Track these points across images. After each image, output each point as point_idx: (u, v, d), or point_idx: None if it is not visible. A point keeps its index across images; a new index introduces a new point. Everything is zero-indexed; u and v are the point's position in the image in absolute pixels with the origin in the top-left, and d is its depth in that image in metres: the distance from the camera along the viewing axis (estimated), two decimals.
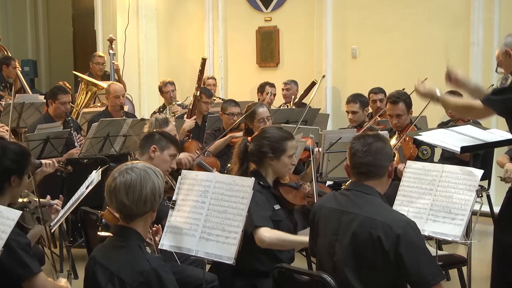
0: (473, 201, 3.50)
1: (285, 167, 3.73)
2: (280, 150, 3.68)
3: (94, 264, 2.79)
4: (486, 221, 6.56)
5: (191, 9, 9.94)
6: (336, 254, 2.99)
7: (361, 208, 2.97)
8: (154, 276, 2.67)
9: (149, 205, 2.78)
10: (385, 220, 2.88)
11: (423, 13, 7.75)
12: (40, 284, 3.11)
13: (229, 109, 6.31)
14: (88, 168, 4.46)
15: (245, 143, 3.78)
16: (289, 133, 3.83)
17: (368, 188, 3.03)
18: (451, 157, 5.78)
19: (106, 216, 3.62)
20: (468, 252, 3.83)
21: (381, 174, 3.04)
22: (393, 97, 5.45)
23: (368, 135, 3.09)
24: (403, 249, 2.82)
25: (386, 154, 3.04)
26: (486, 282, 5.39)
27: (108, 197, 2.79)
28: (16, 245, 3.04)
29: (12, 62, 8.72)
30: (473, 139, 4.14)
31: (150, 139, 4.22)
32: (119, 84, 7.24)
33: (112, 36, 9.12)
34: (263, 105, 5.89)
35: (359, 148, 3.02)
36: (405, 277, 2.86)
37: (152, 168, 2.82)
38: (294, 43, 8.93)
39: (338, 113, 8.32)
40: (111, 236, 2.87)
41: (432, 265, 2.87)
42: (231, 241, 3.20)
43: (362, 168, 3.03)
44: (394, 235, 2.83)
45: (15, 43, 13.04)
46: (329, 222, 3.06)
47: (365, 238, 2.89)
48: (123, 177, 2.75)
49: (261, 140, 3.72)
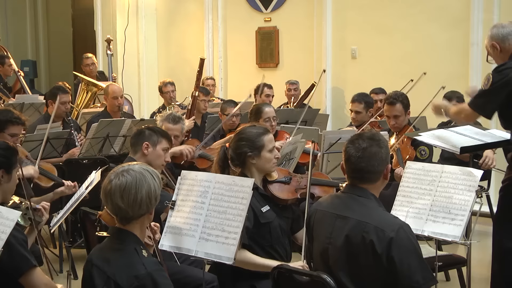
0: (472, 201, 3.50)
1: (268, 163, 3.70)
2: (258, 146, 3.66)
3: (91, 266, 2.78)
4: (485, 222, 6.55)
5: (191, 10, 9.94)
6: (330, 258, 2.98)
7: (355, 212, 2.96)
8: (150, 281, 2.66)
9: (145, 208, 2.75)
10: (378, 224, 2.87)
11: (423, 14, 7.75)
12: (37, 278, 3.13)
13: (228, 110, 6.31)
14: (87, 169, 4.46)
15: (224, 151, 3.77)
16: (264, 128, 3.80)
17: (363, 191, 3.01)
18: (451, 157, 5.77)
19: (103, 217, 3.61)
20: (467, 252, 3.83)
21: (375, 179, 3.02)
22: (390, 98, 5.44)
23: (363, 137, 3.02)
24: (395, 252, 2.81)
25: (380, 159, 2.99)
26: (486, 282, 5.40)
27: (104, 199, 2.78)
28: (14, 240, 3.06)
29: (7, 60, 8.73)
30: (473, 140, 4.14)
31: (141, 137, 4.23)
32: (117, 84, 7.24)
33: (109, 37, 9.12)
34: (269, 105, 5.88)
35: (353, 153, 2.99)
36: (396, 280, 2.83)
37: (149, 170, 2.79)
38: (293, 43, 8.93)
39: (338, 113, 8.32)
40: (108, 238, 2.86)
41: (424, 269, 2.84)
42: (230, 242, 3.20)
43: (355, 173, 3.01)
44: (386, 238, 2.82)
45: (15, 43, 13.04)
46: (323, 225, 3.06)
47: (358, 242, 2.88)
48: (119, 179, 2.72)
49: (238, 142, 3.71)
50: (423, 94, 7.22)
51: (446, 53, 7.59)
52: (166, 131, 4.42)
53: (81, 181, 3.87)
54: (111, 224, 2.89)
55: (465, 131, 4.24)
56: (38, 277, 3.14)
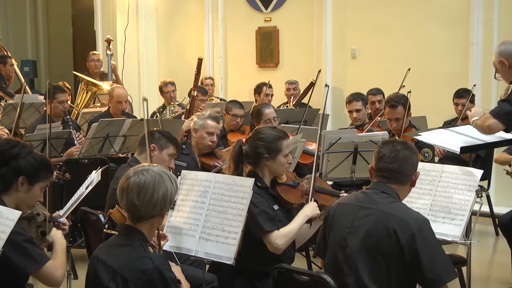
0: (472, 201, 3.51)
1: (282, 167, 3.72)
2: (275, 150, 3.67)
3: (96, 261, 2.79)
4: (485, 221, 6.57)
5: (191, 10, 9.94)
6: (348, 246, 3.02)
7: (379, 204, 3.02)
8: (157, 275, 2.68)
9: (158, 209, 2.77)
10: (403, 216, 2.94)
11: (423, 13, 7.75)
12: (49, 273, 3.12)
13: (233, 110, 6.30)
14: (87, 169, 4.46)
15: (240, 145, 3.76)
16: (284, 132, 3.82)
17: (389, 189, 3.08)
18: (452, 156, 5.77)
19: (114, 214, 3.61)
20: (467, 252, 3.84)
21: (404, 181, 3.10)
22: (392, 101, 5.43)
23: (397, 141, 3.15)
24: (419, 245, 2.86)
25: (412, 163, 3.09)
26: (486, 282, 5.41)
27: (120, 195, 2.79)
28: (21, 239, 3.05)
29: (9, 60, 8.74)
30: (473, 139, 4.14)
31: (149, 138, 4.22)
32: (123, 88, 7.16)
33: (109, 37, 9.13)
34: (270, 106, 5.88)
35: (386, 153, 3.07)
36: (419, 273, 2.88)
37: (168, 174, 2.82)
38: (293, 43, 8.93)
39: (338, 113, 8.32)
40: (115, 235, 2.87)
41: (447, 263, 2.93)
42: (230, 241, 3.20)
43: (386, 172, 3.08)
44: (410, 231, 2.88)
45: (15, 43, 13.04)
46: (345, 216, 3.09)
47: (380, 232, 2.93)
48: (138, 177, 2.75)
49: (256, 141, 3.70)
50: (423, 94, 7.26)
51: (446, 53, 7.59)
52: (175, 138, 4.43)
53: (81, 181, 3.86)
54: (121, 222, 2.89)
55: (465, 131, 4.24)
56: (50, 272, 3.12)
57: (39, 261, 3.10)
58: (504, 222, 4.99)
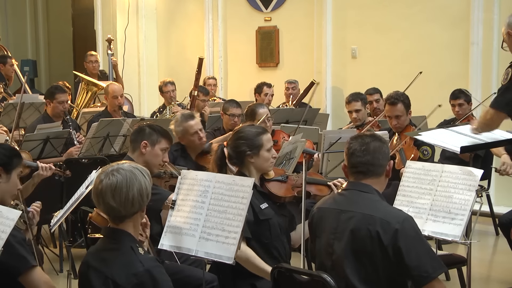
0: (473, 201, 3.50)
1: (266, 162, 3.74)
2: (256, 145, 3.69)
3: (87, 268, 2.77)
4: (486, 221, 6.57)
5: (191, 9, 9.94)
6: (334, 252, 3.01)
7: (359, 206, 3.00)
8: (148, 277, 2.66)
9: (137, 206, 2.75)
10: (383, 216, 2.91)
11: (423, 13, 7.75)
12: (37, 278, 3.13)
13: (230, 110, 6.29)
14: (87, 168, 4.46)
15: (222, 149, 3.81)
16: (263, 128, 3.86)
17: (366, 186, 3.05)
18: (452, 156, 5.77)
19: (94, 218, 3.61)
20: (468, 252, 3.83)
21: (380, 173, 3.07)
22: (392, 98, 5.44)
23: (365, 135, 3.13)
24: (402, 243, 2.83)
25: (384, 153, 3.07)
26: (486, 282, 5.41)
27: (96, 200, 2.77)
28: (13, 239, 3.06)
29: (9, 60, 8.74)
30: (473, 139, 4.13)
31: (140, 134, 4.21)
32: (117, 84, 7.22)
33: (110, 37, 9.13)
34: (264, 106, 5.89)
35: (357, 148, 3.05)
36: (405, 271, 2.86)
37: (139, 168, 2.79)
38: (293, 43, 8.93)
39: (338, 113, 8.32)
40: (102, 239, 2.85)
41: (433, 259, 2.88)
42: (230, 241, 3.20)
43: (360, 167, 3.05)
44: (392, 230, 2.85)
45: (15, 43, 13.04)
46: (328, 221, 3.08)
47: (364, 235, 2.91)
48: (109, 179, 2.71)
49: (237, 140, 3.73)
50: (423, 94, 7.26)
51: (446, 52, 7.59)
52: (167, 131, 4.40)
53: (81, 181, 3.86)
54: (103, 225, 2.87)
55: (466, 131, 4.24)
56: (38, 276, 3.14)
57: (31, 261, 3.12)
58: (504, 222, 4.99)
